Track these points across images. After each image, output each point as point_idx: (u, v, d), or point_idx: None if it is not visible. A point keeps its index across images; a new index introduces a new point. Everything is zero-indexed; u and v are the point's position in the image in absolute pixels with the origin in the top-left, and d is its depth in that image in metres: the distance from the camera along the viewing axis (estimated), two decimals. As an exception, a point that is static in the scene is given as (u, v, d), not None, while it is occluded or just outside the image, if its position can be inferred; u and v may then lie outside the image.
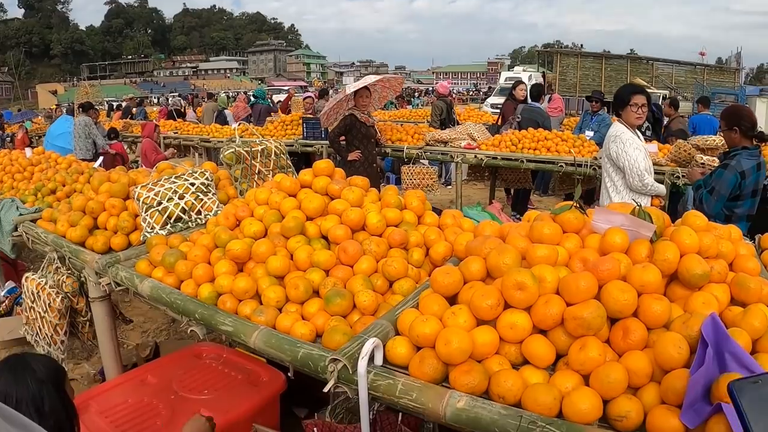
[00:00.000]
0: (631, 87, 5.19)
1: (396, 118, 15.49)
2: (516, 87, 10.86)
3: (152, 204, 3.54)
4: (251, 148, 4.00)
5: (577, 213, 2.41)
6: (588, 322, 1.85)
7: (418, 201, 3.15)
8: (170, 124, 14.00)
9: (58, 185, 5.18)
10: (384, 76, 8.74)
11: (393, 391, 1.92)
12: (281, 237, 2.88)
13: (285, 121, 11.13)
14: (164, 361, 3.83)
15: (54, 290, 3.75)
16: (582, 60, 26.08)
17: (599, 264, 2.06)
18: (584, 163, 7.55)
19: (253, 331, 2.38)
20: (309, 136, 10.08)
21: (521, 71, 36.74)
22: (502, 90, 29.15)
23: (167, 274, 2.99)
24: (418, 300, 2.32)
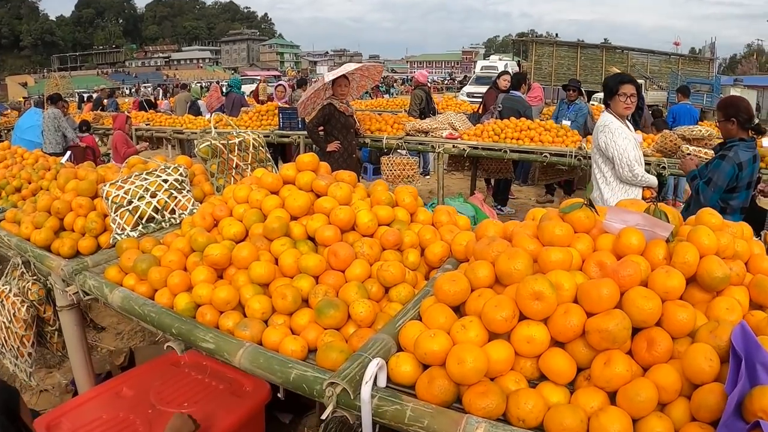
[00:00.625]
0: (619, 76, 5.08)
1: (373, 108, 15.30)
2: (500, 77, 10.71)
3: (122, 203, 3.28)
4: (228, 141, 3.74)
5: (589, 211, 2.20)
6: (614, 334, 1.68)
7: (410, 197, 2.91)
8: (142, 115, 13.66)
9: (24, 182, 4.88)
10: (363, 64, 8.53)
11: (401, 418, 1.71)
12: (264, 239, 2.63)
13: (260, 112, 10.87)
14: (140, 371, 3.60)
15: (19, 299, 3.48)
16: (557, 49, 26.15)
17: (619, 269, 1.87)
18: (567, 153, 7.40)
19: (237, 348, 2.13)
20: (285, 127, 9.84)
21: (497, 60, 36.82)
22: (478, 79, 29.24)
23: (139, 281, 2.72)
24: (420, 310, 2.11)
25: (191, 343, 2.31)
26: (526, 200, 10.95)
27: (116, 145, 9.86)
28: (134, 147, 9.99)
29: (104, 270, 2.98)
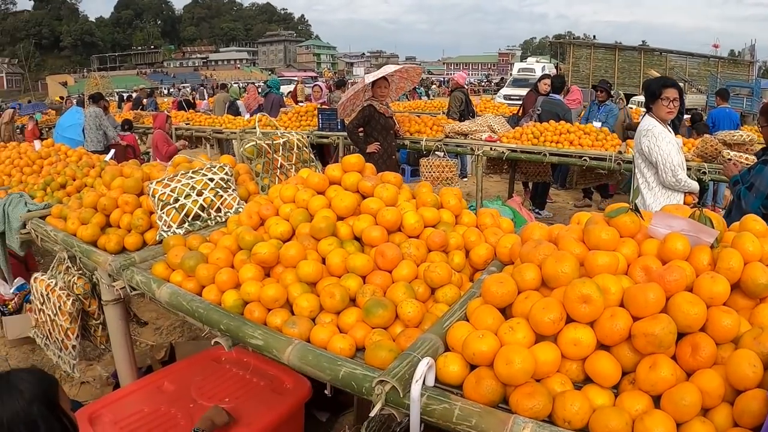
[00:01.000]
0: (662, 80, 5.00)
1: (411, 109, 15.29)
2: (541, 81, 10.60)
3: (168, 201, 3.34)
4: (273, 141, 3.78)
5: (634, 216, 2.20)
6: (660, 339, 1.69)
7: (455, 199, 2.93)
8: (182, 115, 13.85)
9: (69, 179, 4.97)
10: (403, 66, 8.55)
11: (449, 416, 1.72)
12: (311, 238, 2.66)
13: (299, 112, 10.95)
14: (181, 366, 3.65)
15: (64, 292, 3.54)
16: (594, 51, 25.87)
17: (665, 274, 1.87)
18: (607, 157, 7.28)
19: (286, 345, 2.16)
20: (325, 128, 9.85)
21: (534, 62, 36.51)
22: (515, 81, 29.03)
23: (187, 278, 2.77)
24: (467, 311, 2.13)
25: (239, 340, 2.34)
26: (563, 204, 10.87)
27: (157, 143, 9.99)
28: (174, 145, 10.11)
29: (151, 266, 3.04)
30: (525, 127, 8.54)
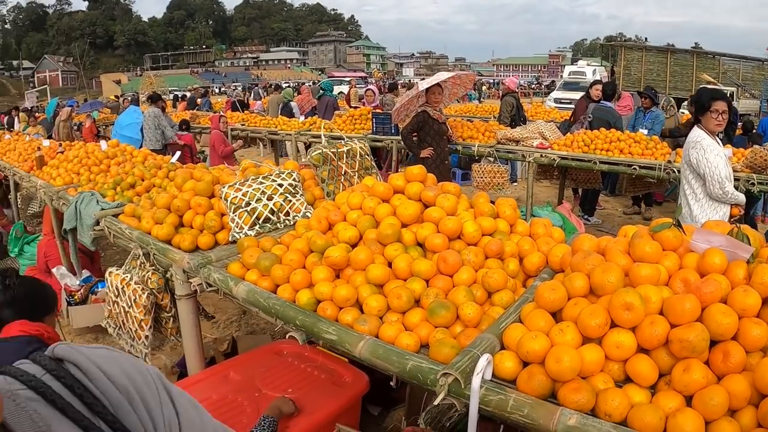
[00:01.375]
0: (712, 92, 5.05)
1: (462, 113, 15.38)
2: (592, 86, 10.65)
3: (240, 204, 3.57)
4: (337, 149, 4.01)
5: (677, 231, 2.38)
6: (693, 344, 1.86)
7: (510, 209, 3.12)
8: (237, 116, 14.16)
9: (137, 179, 5.25)
10: (456, 73, 8.70)
11: (504, 406, 1.93)
12: (377, 243, 2.88)
13: (354, 116, 11.15)
14: (245, 358, 3.88)
15: (139, 286, 3.80)
16: (646, 54, 25.45)
17: (702, 286, 2.05)
18: (656, 166, 7.35)
19: (358, 340, 2.38)
20: (378, 131, 10.00)
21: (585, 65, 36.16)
22: (565, 84, 28.78)
23: (262, 277, 3.00)
24: (521, 314, 2.33)
25: (314, 335, 2.56)
26: (613, 211, 10.89)
27: (213, 143, 10.31)
28: (230, 146, 10.42)
29: (226, 265, 3.26)
30: (576, 134, 8.63)
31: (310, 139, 11.39)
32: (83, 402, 0.73)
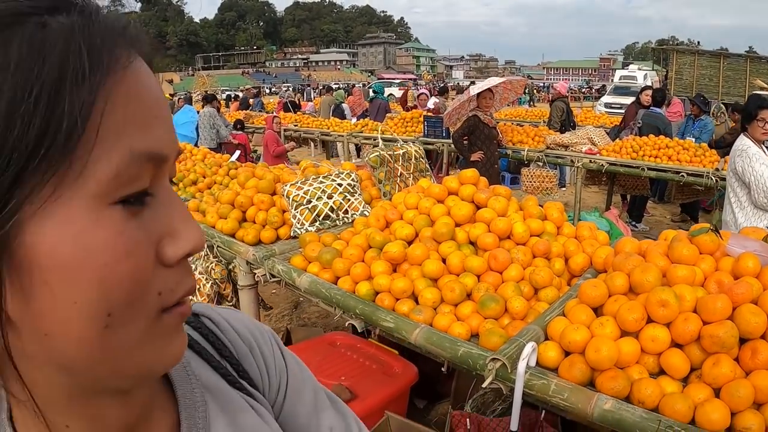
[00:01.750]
0: (759, 101, 5.02)
1: (512, 118, 15.43)
2: (643, 92, 10.58)
3: (302, 202, 3.78)
4: (394, 152, 4.21)
5: (713, 236, 2.55)
6: (723, 340, 2.01)
7: (557, 212, 3.30)
8: (290, 117, 14.43)
9: (199, 177, 5.50)
10: (507, 78, 8.81)
11: (546, 390, 2.11)
12: (432, 241, 3.07)
13: (405, 118, 11.30)
14: (301, 348, 4.05)
15: (203, 276, 4.02)
16: (698, 58, 24.90)
17: (734, 287, 2.21)
18: (705, 174, 7.36)
19: (414, 328, 2.57)
20: (430, 134, 10.13)
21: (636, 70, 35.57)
22: (616, 89, 28.31)
23: (323, 269, 3.20)
24: (565, 309, 2.50)
25: (373, 323, 2.76)
26: (660, 218, 10.77)
27: (267, 143, 10.56)
28: (283, 146, 10.65)
29: (289, 258, 3.48)
30: (625, 140, 8.64)
31: (361, 141, 11.61)
32: (214, 347, 0.87)
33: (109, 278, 0.50)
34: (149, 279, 0.53)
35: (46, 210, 0.48)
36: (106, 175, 0.50)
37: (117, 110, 0.50)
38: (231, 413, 0.79)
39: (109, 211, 0.51)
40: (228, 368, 0.86)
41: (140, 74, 0.54)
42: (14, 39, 0.47)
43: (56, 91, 0.47)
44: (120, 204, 0.51)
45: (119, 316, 0.52)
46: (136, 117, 0.52)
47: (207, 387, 0.80)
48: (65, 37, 0.48)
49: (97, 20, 0.52)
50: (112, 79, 0.50)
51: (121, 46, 0.53)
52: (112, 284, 0.51)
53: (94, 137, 0.49)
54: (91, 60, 0.49)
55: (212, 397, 0.79)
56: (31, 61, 0.46)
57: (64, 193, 0.49)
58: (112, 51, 0.51)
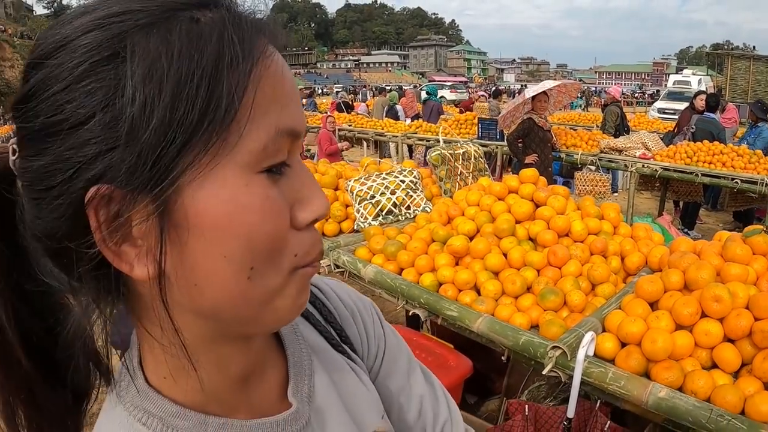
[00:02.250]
0: None
1: (566, 122, 15.38)
2: (696, 97, 10.54)
3: (366, 197, 3.92)
4: (454, 151, 4.35)
5: (766, 237, 2.64)
6: None
7: (614, 212, 3.41)
8: (344, 117, 14.61)
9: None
10: (562, 82, 8.84)
11: (604, 378, 2.23)
12: (493, 236, 3.19)
13: (459, 120, 11.38)
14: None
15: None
16: (754, 63, 24.30)
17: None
18: (759, 181, 7.28)
19: (477, 317, 2.70)
20: (484, 137, 10.15)
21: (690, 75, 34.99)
22: (669, 94, 27.84)
23: (387, 261, 3.34)
24: (622, 303, 2.60)
25: (437, 312, 2.89)
26: (713, 226, 10.49)
27: (321, 141, 10.76)
28: (336, 145, 10.83)
29: (353, 250, 3.61)
30: (678, 145, 8.59)
31: (415, 142, 11.73)
32: (321, 313, 0.97)
33: (255, 235, 0.59)
34: (287, 239, 0.62)
35: (205, 176, 0.56)
36: (256, 148, 0.58)
37: (264, 92, 0.59)
38: (332, 372, 0.89)
39: (258, 178, 0.59)
40: (332, 333, 0.96)
41: (278, 62, 0.63)
42: (173, 31, 0.55)
43: (215, 75, 0.55)
44: (265, 173, 0.59)
45: (260, 269, 0.60)
46: (278, 98, 0.60)
47: (313, 348, 0.90)
48: (219, 30, 0.57)
49: (242, 15, 0.62)
50: (259, 65, 0.59)
51: (262, 37, 0.62)
52: (257, 241, 0.59)
53: (247, 115, 0.57)
54: (243, 49, 0.58)
55: (317, 357, 0.89)
56: (192, 50, 0.55)
57: (221, 161, 0.57)
58: (257, 41, 0.60)
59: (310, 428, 0.80)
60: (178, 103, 0.54)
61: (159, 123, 0.53)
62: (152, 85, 0.53)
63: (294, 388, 0.81)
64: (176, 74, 0.54)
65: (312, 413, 0.81)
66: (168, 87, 0.54)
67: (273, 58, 0.62)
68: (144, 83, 0.53)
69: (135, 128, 0.53)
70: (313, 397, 0.83)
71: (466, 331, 2.79)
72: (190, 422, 0.69)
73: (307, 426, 0.79)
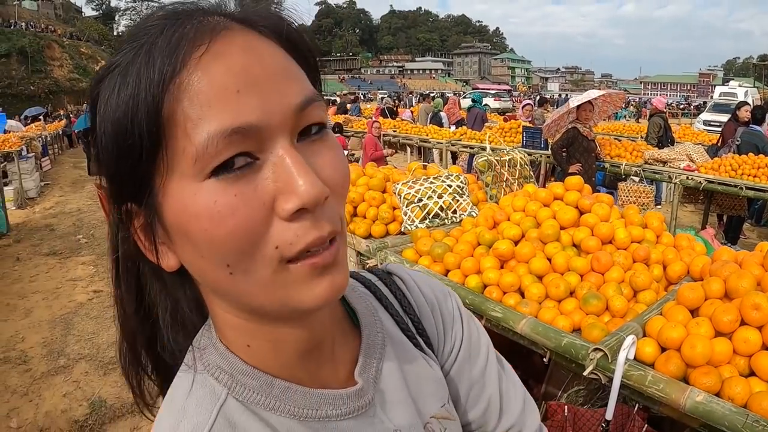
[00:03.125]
0: None
1: (610, 132, 15.33)
2: (740, 107, 10.48)
3: (413, 200, 4.01)
4: (500, 157, 4.44)
5: (809, 248, 2.69)
6: None
7: (658, 221, 3.46)
8: (389, 122, 14.75)
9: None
10: (607, 92, 8.87)
11: (643, 381, 2.28)
12: (538, 241, 3.26)
13: (504, 128, 11.46)
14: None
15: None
16: None
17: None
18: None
19: (520, 319, 2.77)
20: (528, 145, 10.21)
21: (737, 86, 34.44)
22: (715, 106, 27.45)
23: (433, 263, 3.42)
24: (663, 310, 2.65)
25: (481, 312, 2.95)
26: (757, 241, 10.21)
27: (366, 147, 10.88)
28: (381, 151, 10.95)
29: (400, 251, 3.69)
30: (723, 158, 8.57)
31: (459, 148, 11.81)
32: (399, 303, 1.01)
33: (213, 238, 0.63)
34: (260, 233, 0.64)
35: (164, 191, 0.64)
36: (188, 160, 0.62)
37: (193, 101, 0.61)
38: (402, 359, 0.94)
39: (206, 185, 0.62)
40: (409, 324, 1.01)
41: (216, 58, 0.63)
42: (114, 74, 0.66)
43: (132, 109, 0.62)
44: (213, 177, 0.62)
45: (237, 265, 0.65)
46: (210, 102, 0.61)
47: (388, 334, 0.96)
48: (139, 63, 0.63)
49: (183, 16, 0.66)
50: (184, 75, 0.62)
51: (202, 33, 0.64)
52: (217, 243, 0.63)
53: (172, 133, 0.62)
54: (167, 60, 0.62)
55: (391, 343, 0.95)
56: (121, 89, 0.64)
57: (169, 177, 0.64)
58: (187, 45, 0.63)
59: (372, 408, 0.85)
60: (118, 135, 0.64)
61: (111, 153, 0.65)
62: (102, 124, 0.66)
63: (361, 369, 0.88)
64: (114, 112, 0.64)
65: (376, 394, 0.87)
66: (109, 124, 0.65)
67: (209, 54, 0.63)
68: (100, 122, 0.66)
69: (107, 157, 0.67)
70: (379, 379, 0.89)
71: (510, 332, 2.86)
72: (258, 382, 0.76)
73: (370, 406, 0.84)
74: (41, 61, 70.77)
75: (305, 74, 0.72)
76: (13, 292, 7.99)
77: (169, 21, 0.65)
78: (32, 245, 10.46)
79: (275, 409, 0.76)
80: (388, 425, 0.86)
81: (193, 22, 0.65)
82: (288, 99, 0.66)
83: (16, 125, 21.72)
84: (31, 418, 4.87)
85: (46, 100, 60.41)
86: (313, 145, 0.69)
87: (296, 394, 0.78)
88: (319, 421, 0.78)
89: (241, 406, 0.75)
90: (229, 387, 0.75)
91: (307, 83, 0.71)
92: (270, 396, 0.76)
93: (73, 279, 8.48)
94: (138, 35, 0.65)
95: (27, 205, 13.92)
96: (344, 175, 0.72)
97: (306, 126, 0.68)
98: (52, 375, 5.60)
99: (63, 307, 7.40)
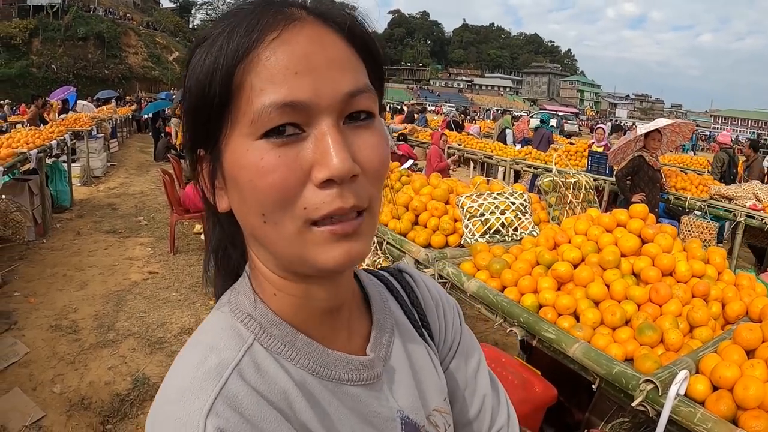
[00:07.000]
0: None
1: (676, 163, 15.15)
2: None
3: (475, 214, 4.04)
4: (566, 179, 4.44)
5: None
6: None
7: (720, 258, 3.43)
8: (455, 135, 14.79)
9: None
10: (676, 121, 8.74)
11: (692, 418, 2.26)
12: (598, 267, 3.26)
13: (569, 151, 11.40)
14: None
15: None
16: None
17: None
18: None
19: (573, 342, 2.78)
20: (593, 170, 10.15)
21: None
22: None
23: (491, 278, 3.45)
24: (718, 348, 2.63)
25: (534, 332, 2.98)
26: None
27: (431, 157, 10.93)
28: (446, 162, 10.99)
29: (458, 263, 3.72)
30: (791, 199, 8.38)
31: (523, 168, 11.78)
32: (408, 297, 1.13)
33: (256, 187, 0.74)
34: (294, 192, 0.74)
35: (227, 144, 0.76)
36: (246, 121, 0.73)
37: (260, 76, 0.73)
38: (409, 345, 1.05)
39: (257, 144, 0.73)
40: (415, 315, 1.12)
41: (284, 43, 0.75)
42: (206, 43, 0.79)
43: (213, 73, 0.75)
44: (264, 138, 0.73)
45: (270, 215, 0.75)
46: (272, 78, 0.72)
47: (396, 322, 1.06)
48: (224, 37, 0.76)
49: (269, 4, 0.79)
50: (255, 53, 0.74)
51: (277, 21, 0.76)
52: (258, 192, 0.74)
53: (243, 98, 0.74)
54: (244, 40, 0.74)
55: (398, 329, 1.04)
56: (207, 58, 0.77)
57: (232, 133, 0.76)
58: (263, 29, 0.75)
59: (380, 383, 0.94)
60: (199, 92, 0.77)
61: (193, 105, 0.79)
62: (190, 81, 0.79)
63: (373, 345, 0.97)
64: (199, 74, 0.77)
65: (385, 371, 0.96)
66: (194, 82, 0.78)
67: (280, 40, 0.75)
68: (189, 78, 0.79)
69: (190, 108, 0.80)
70: (389, 358, 0.98)
71: (561, 355, 2.87)
72: (283, 332, 0.86)
73: (378, 380, 0.93)
74: (117, 47, 73.31)
75: (365, 70, 0.82)
76: (71, 264, 8.23)
77: (257, 7, 0.77)
78: (93, 222, 10.73)
79: (295, 362, 0.85)
80: (393, 404, 0.94)
81: (274, 10, 0.77)
82: (340, 86, 0.75)
83: (87, 106, 22.37)
84: (74, 386, 5.00)
85: (118, 84, 62.57)
86: (358, 129, 0.78)
87: (316, 351, 0.87)
88: (332, 381, 0.87)
89: (265, 351, 0.83)
90: (256, 334, 0.84)
91: (362, 76, 0.80)
92: (293, 348, 0.85)
93: (130, 258, 8.69)
94: (229, 15, 0.78)
95: (92, 183, 14.30)
96: (381, 159, 0.80)
97: (355, 112, 0.78)
98: (100, 347, 5.74)
99: (117, 284, 7.58)
